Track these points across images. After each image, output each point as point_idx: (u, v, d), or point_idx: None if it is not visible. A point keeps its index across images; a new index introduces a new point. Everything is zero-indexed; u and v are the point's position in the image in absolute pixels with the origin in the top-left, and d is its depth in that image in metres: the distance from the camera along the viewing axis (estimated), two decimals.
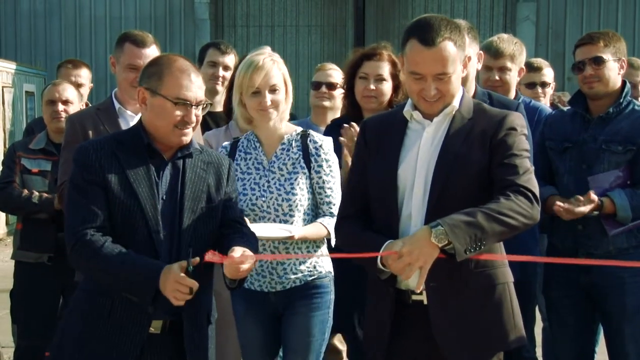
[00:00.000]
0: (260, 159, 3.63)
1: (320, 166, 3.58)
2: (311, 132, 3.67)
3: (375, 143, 3.14)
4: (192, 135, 3.11)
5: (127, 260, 2.91)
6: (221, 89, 4.94)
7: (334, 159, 3.63)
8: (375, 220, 3.10)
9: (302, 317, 3.58)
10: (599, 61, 3.94)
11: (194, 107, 3.05)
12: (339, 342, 4.79)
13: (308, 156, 3.57)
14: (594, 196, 3.75)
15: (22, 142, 5.23)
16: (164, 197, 3.05)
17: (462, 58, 3.00)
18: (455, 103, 3.03)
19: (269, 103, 3.53)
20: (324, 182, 3.57)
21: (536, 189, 2.93)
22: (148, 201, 3.00)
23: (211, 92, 4.98)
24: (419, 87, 2.99)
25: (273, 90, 3.54)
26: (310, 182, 3.58)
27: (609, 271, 3.88)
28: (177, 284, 2.84)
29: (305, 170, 3.57)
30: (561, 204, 3.75)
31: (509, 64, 4.48)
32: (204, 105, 3.11)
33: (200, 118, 3.11)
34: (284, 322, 3.63)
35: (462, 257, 2.79)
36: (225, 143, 3.75)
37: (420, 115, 3.07)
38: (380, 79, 4.15)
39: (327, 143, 3.64)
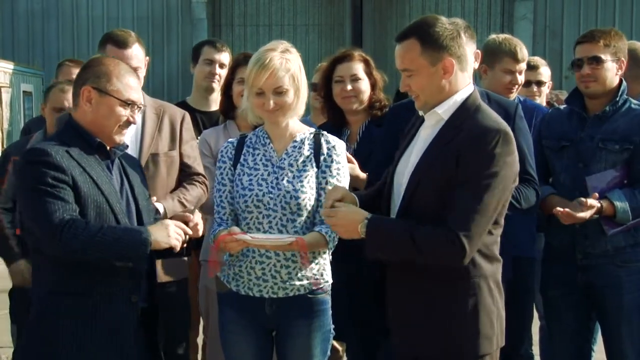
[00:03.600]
0: (269, 155, 3.43)
1: (328, 166, 3.40)
2: (325, 132, 3.52)
3: (405, 136, 3.22)
4: None
5: (116, 228, 3.05)
6: (217, 87, 4.94)
7: (344, 162, 3.45)
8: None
9: (304, 339, 3.39)
10: (596, 61, 3.93)
11: (137, 109, 3.19)
12: (337, 342, 4.79)
13: (319, 155, 3.41)
14: (593, 202, 3.75)
15: (18, 145, 4.99)
16: (118, 193, 3.18)
17: (434, 59, 2.95)
18: (439, 108, 2.99)
19: (271, 106, 3.34)
20: (327, 184, 3.37)
21: (472, 241, 2.84)
22: (113, 197, 3.11)
23: (207, 90, 4.99)
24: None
25: (278, 92, 3.34)
26: (316, 181, 3.39)
27: (606, 270, 3.89)
28: (176, 226, 3.12)
29: (316, 169, 3.39)
30: (561, 208, 3.76)
31: (525, 67, 4.56)
32: (140, 108, 3.27)
33: None
34: (282, 340, 3.43)
35: (371, 257, 2.99)
36: (232, 139, 3.59)
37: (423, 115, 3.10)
38: (355, 79, 4.18)
39: (340, 145, 3.46)
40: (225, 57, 4.96)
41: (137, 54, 4.02)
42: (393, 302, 3.07)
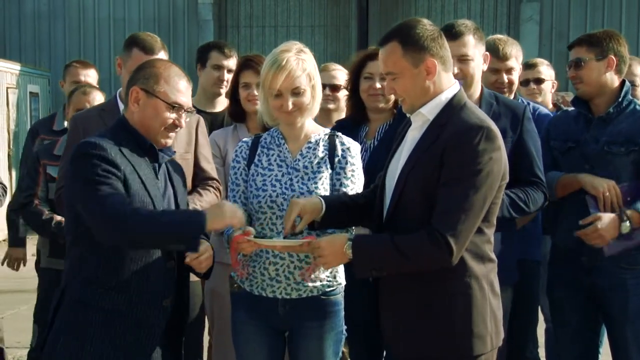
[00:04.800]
0: (284, 155, 3.44)
1: (342, 168, 3.41)
2: (340, 133, 3.52)
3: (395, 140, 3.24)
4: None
5: (173, 211, 3.17)
6: (224, 91, 4.97)
7: (358, 163, 3.45)
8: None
9: (316, 340, 3.40)
10: (577, 63, 3.97)
11: (184, 112, 3.18)
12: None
13: (334, 156, 3.41)
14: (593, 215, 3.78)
15: (45, 149, 5.07)
16: (162, 197, 3.18)
17: (416, 60, 2.98)
18: (423, 108, 3.01)
19: (290, 107, 3.35)
20: (341, 185, 3.38)
21: (457, 236, 2.84)
22: (159, 200, 3.12)
23: (215, 95, 5.01)
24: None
25: (296, 93, 3.35)
26: (330, 182, 3.39)
27: (611, 272, 3.89)
28: (234, 208, 3.10)
29: (330, 171, 3.40)
30: (581, 232, 3.79)
31: (515, 65, 4.54)
32: (189, 112, 3.26)
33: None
34: (294, 341, 3.44)
35: (362, 276, 3.00)
36: (247, 138, 3.62)
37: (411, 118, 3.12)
38: (385, 77, 4.16)
39: (355, 147, 3.47)
40: (233, 62, 4.97)
41: None
42: (385, 304, 3.08)
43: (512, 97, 4.47)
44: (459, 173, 2.86)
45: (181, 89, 3.18)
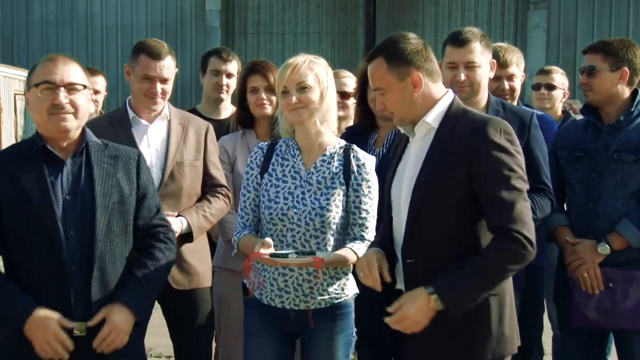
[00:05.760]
0: (298, 167, 3.43)
1: (359, 185, 3.39)
2: (355, 147, 3.50)
3: (393, 154, 3.25)
4: (75, 123, 3.10)
5: (5, 293, 2.99)
6: (225, 97, 5.00)
7: (374, 179, 3.44)
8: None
9: (326, 342, 3.43)
10: (590, 71, 3.97)
11: (62, 89, 3.05)
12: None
13: (349, 172, 3.39)
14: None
15: None
16: (68, 197, 3.06)
17: (401, 74, 3.01)
18: (427, 117, 3.04)
19: (294, 100, 3.33)
20: (360, 202, 3.38)
21: (529, 227, 2.89)
22: (42, 204, 3.01)
23: (216, 101, 5.03)
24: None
25: (301, 88, 3.34)
26: (347, 199, 3.39)
27: None
28: (53, 340, 2.95)
29: (344, 187, 3.39)
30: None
31: (516, 72, 4.55)
32: (85, 90, 3.12)
33: (82, 104, 3.10)
34: (305, 344, 3.46)
35: (457, 317, 2.92)
36: (263, 144, 3.58)
37: (406, 130, 3.13)
38: None
39: (370, 162, 3.46)
40: (232, 66, 5.00)
41: (169, 65, 4.04)
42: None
43: (514, 104, 4.49)
44: (497, 169, 2.90)
45: (49, 69, 3.07)
